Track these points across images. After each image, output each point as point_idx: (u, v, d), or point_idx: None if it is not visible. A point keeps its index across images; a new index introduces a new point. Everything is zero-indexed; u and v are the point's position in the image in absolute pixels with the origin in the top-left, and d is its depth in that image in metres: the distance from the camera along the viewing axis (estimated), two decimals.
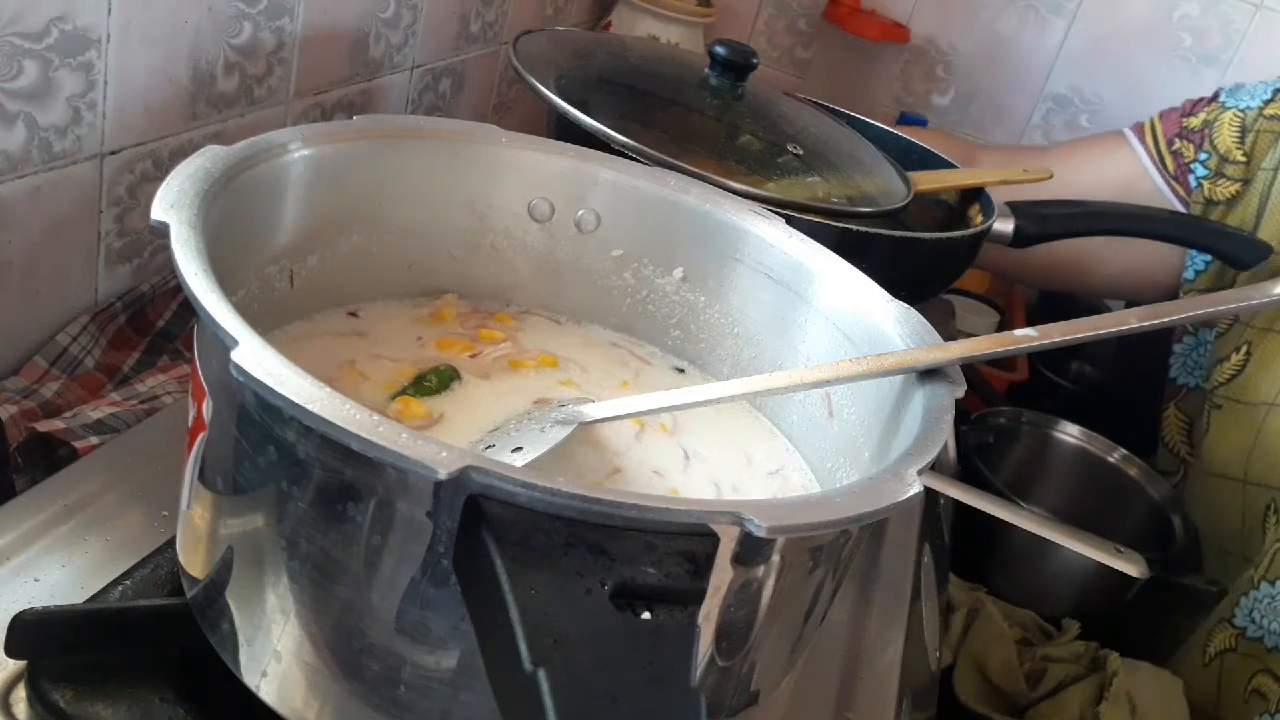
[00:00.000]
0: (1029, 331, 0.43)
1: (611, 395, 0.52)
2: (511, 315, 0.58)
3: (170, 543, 0.47)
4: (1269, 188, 0.97)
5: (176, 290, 0.71)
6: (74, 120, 0.61)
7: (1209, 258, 1.02)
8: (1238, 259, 0.95)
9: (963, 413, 1.06)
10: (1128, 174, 1.06)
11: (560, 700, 0.27)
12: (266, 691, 0.39)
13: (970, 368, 1.09)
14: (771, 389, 0.46)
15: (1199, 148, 1.02)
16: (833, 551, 0.39)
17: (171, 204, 0.38)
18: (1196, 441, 1.05)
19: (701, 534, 0.32)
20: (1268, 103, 0.99)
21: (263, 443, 0.35)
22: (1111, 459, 1.13)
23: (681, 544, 0.32)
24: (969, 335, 1.20)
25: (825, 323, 0.53)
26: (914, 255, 0.80)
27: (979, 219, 0.91)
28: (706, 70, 0.82)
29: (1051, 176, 0.94)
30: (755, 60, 0.82)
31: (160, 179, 0.39)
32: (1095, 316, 0.44)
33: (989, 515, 0.40)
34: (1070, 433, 1.14)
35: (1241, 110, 1.00)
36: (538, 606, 0.29)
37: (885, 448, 0.45)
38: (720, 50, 0.82)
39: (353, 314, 0.54)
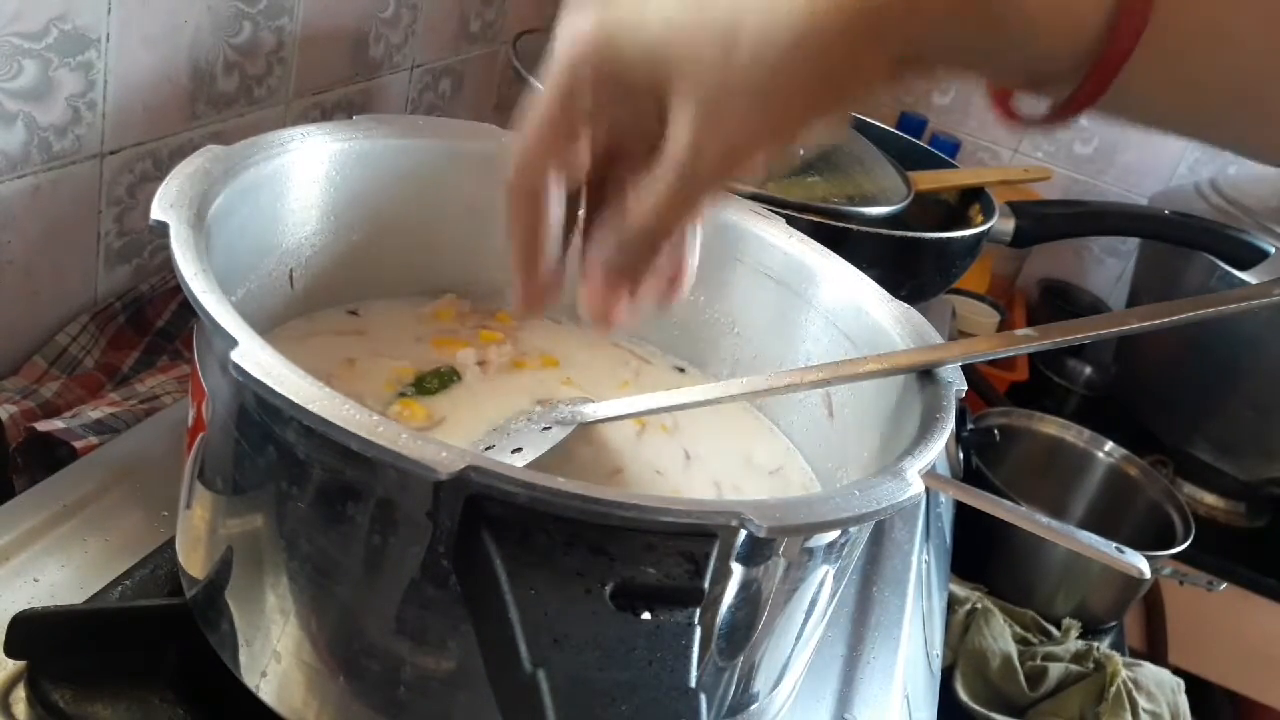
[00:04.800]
0: (1029, 331, 0.43)
1: (611, 395, 0.52)
2: (511, 315, 0.58)
3: (170, 543, 0.47)
4: None
5: (176, 290, 0.71)
6: (73, 120, 0.61)
7: None
8: (1236, 259, 0.95)
9: (962, 413, 1.06)
10: None
11: (560, 700, 0.27)
12: (266, 692, 0.39)
13: (970, 368, 1.09)
14: (771, 389, 0.46)
15: None
16: (832, 551, 0.39)
17: (171, 204, 0.38)
18: None
19: (701, 534, 0.32)
20: None
21: (262, 443, 0.35)
22: (1111, 459, 1.13)
23: (681, 544, 0.32)
24: (969, 335, 1.20)
25: (825, 323, 0.53)
26: (914, 255, 0.80)
27: (979, 219, 0.91)
28: None
29: (1051, 176, 0.94)
30: None
31: (160, 179, 0.39)
32: (1095, 316, 0.44)
33: (989, 515, 0.40)
34: (1070, 433, 1.14)
35: None
36: (538, 606, 0.29)
37: (885, 448, 0.45)
38: None
39: (353, 313, 0.54)
